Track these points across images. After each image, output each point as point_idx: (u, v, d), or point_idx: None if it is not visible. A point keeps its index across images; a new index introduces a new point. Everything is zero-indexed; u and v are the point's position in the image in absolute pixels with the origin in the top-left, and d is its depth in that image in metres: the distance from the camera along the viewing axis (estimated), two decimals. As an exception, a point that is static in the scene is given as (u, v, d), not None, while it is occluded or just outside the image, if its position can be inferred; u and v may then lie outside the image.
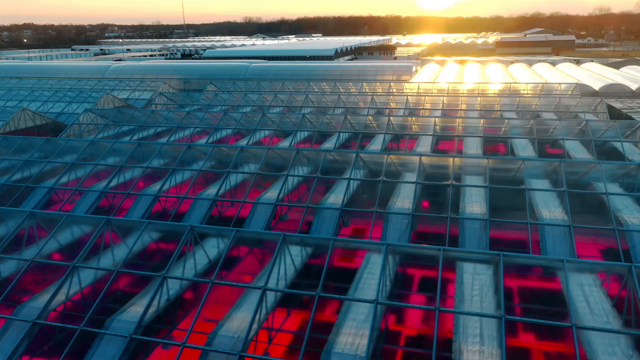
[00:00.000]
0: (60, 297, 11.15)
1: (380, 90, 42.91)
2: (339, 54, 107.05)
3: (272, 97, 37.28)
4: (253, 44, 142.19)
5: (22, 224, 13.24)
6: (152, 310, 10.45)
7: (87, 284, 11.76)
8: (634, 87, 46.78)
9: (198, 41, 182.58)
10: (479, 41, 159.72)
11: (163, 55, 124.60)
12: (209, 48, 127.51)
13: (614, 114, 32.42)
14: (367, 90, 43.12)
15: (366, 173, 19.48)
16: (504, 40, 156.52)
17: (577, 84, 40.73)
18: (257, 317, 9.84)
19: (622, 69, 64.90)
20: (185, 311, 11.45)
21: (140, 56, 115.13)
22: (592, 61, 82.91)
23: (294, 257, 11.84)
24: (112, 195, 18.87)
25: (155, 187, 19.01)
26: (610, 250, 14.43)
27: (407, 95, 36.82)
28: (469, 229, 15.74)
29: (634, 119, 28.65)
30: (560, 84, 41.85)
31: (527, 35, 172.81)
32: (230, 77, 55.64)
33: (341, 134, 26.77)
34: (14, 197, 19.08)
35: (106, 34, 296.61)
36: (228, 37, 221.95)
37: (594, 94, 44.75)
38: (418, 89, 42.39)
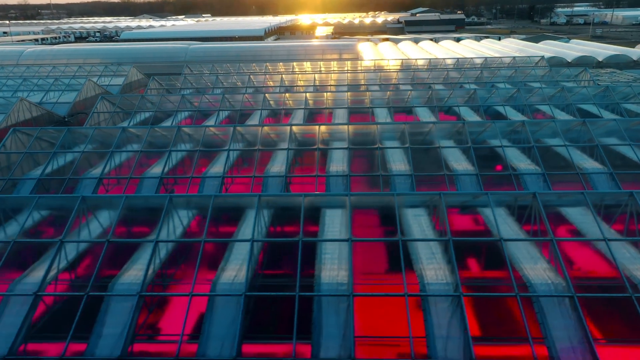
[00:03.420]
0: (53, 271, 11.95)
1: (362, 69, 43.18)
2: (267, 33, 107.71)
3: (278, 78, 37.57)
4: (150, 25, 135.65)
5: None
6: (150, 271, 11.67)
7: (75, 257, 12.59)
8: (569, 59, 53.34)
9: (83, 23, 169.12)
10: (379, 20, 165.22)
11: (55, 38, 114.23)
12: (100, 30, 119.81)
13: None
14: (348, 68, 43.36)
15: (297, 144, 21.38)
16: (411, 19, 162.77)
17: (542, 57, 45.22)
18: (250, 264, 11.52)
19: (541, 43, 72.62)
20: (183, 268, 12.78)
21: (29, 40, 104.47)
22: (500, 38, 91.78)
23: (265, 215, 13.57)
24: (231, 180, 19.32)
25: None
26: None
27: (414, 72, 38.74)
28: (399, 184, 18.43)
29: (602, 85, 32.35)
30: (529, 57, 46.21)
31: (418, 15, 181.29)
32: (169, 59, 53.03)
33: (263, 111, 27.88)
34: (124, 189, 18.26)
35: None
36: (113, 18, 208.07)
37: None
38: (401, 64, 44.34)
